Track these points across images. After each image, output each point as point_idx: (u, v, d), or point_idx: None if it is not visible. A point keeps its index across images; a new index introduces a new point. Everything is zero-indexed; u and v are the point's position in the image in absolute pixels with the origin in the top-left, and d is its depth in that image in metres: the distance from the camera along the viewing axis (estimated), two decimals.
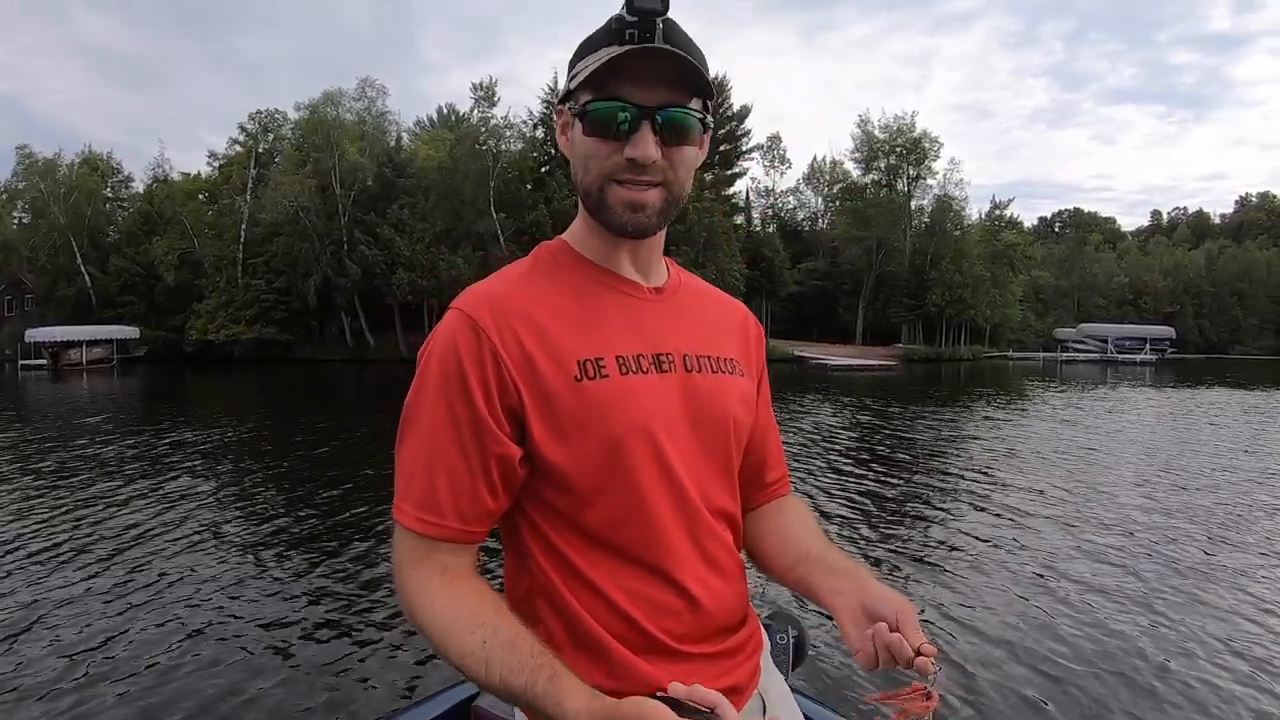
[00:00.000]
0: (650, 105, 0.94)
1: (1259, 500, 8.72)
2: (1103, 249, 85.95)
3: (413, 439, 0.96)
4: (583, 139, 0.97)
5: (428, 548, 0.95)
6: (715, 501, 1.06)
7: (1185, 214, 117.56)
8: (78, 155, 50.07)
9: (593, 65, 0.94)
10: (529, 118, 47.46)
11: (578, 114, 0.97)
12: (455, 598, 0.93)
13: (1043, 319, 69.06)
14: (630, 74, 0.93)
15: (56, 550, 6.52)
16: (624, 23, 0.92)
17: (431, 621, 0.92)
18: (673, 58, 0.92)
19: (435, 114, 60.23)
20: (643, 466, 0.98)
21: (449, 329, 0.97)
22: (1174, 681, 4.16)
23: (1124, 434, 15.51)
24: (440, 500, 0.94)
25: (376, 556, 6.39)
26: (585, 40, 0.99)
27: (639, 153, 0.94)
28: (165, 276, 43.50)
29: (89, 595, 5.41)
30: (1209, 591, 5.61)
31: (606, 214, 0.99)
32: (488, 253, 42.74)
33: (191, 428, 14.92)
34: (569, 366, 0.96)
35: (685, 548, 1.01)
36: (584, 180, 0.99)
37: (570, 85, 0.99)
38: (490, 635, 0.89)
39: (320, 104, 43.99)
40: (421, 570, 0.95)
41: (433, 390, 0.95)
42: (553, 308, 0.99)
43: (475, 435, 0.94)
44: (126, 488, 9.03)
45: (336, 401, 23.44)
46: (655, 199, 0.98)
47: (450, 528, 0.94)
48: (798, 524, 1.19)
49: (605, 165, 0.96)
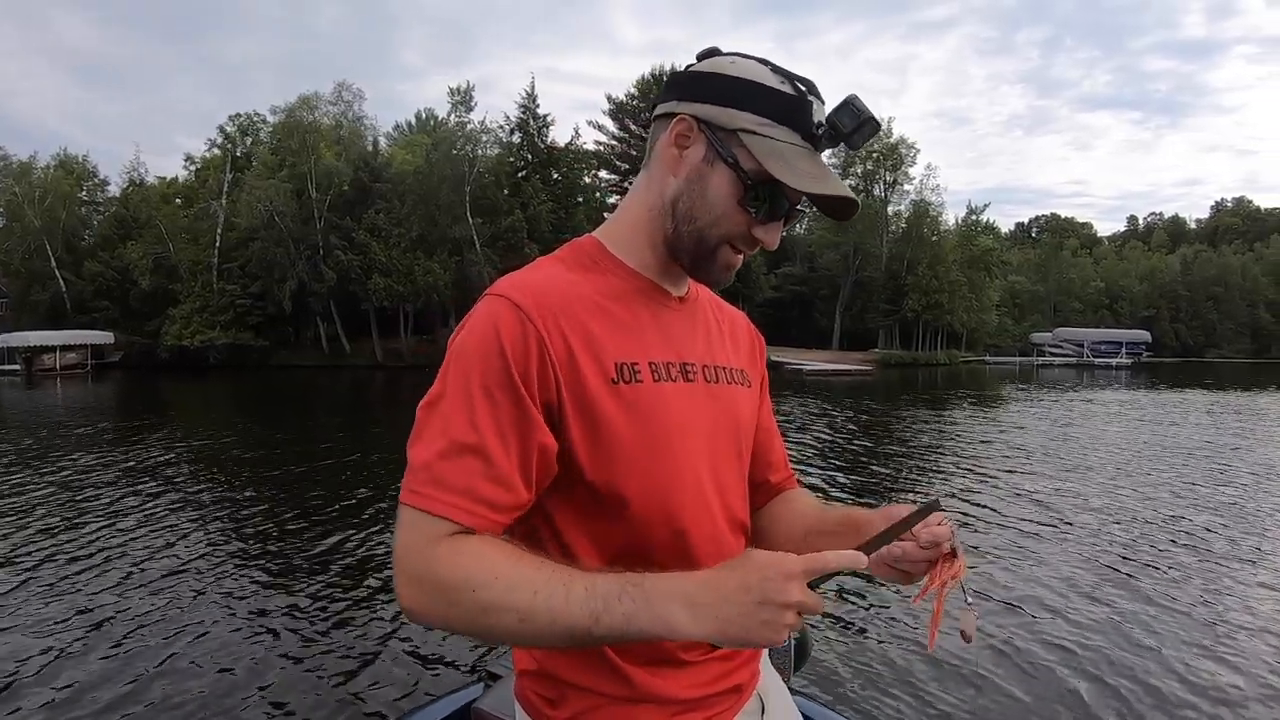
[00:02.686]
0: (795, 204, 0.98)
1: (1218, 500, 8.89)
2: (1079, 254, 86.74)
3: (441, 421, 0.89)
4: (726, 194, 0.96)
5: (454, 530, 0.86)
6: (733, 510, 1.08)
7: (1161, 219, 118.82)
8: (53, 158, 50.10)
9: (792, 168, 0.93)
10: (506, 123, 47.66)
11: (735, 167, 0.94)
12: (504, 547, 0.87)
13: (1019, 324, 69.67)
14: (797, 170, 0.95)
15: (42, 559, 6.42)
16: (827, 133, 0.94)
17: (485, 571, 0.83)
18: (849, 202, 0.96)
19: (414, 119, 60.31)
20: (670, 473, 0.97)
21: (490, 314, 0.92)
22: (1153, 681, 4.20)
23: (1096, 435, 15.79)
24: (474, 485, 0.87)
25: (373, 562, 6.35)
26: (760, 84, 0.95)
27: (769, 241, 0.98)
28: (140, 281, 43.17)
29: (75, 604, 5.33)
30: (1182, 594, 5.65)
31: (707, 268, 1.01)
32: (463, 258, 42.85)
33: (167, 435, 14.76)
34: (607, 368, 0.94)
35: (704, 555, 1.00)
36: (699, 226, 0.98)
37: (728, 121, 0.95)
38: (556, 566, 0.86)
39: (296, 108, 44.00)
40: (450, 544, 0.85)
41: (471, 373, 0.90)
42: (592, 307, 0.97)
43: (516, 422, 0.89)
44: (102, 496, 8.83)
45: (312, 408, 23.36)
46: (741, 262, 1.03)
47: (481, 515, 0.87)
48: (801, 504, 1.20)
49: (735, 231, 0.97)
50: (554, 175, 48.39)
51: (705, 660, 1.02)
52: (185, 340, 42.26)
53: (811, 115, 0.94)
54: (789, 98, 0.94)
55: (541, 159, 48.18)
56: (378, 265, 41.68)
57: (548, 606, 0.81)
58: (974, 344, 61.93)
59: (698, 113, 0.96)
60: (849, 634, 4.81)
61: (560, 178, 48.52)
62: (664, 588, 0.82)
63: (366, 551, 6.70)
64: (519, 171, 46.88)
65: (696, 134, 0.96)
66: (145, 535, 7.19)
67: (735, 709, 1.07)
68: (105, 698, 4.00)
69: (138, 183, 50.22)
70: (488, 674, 1.77)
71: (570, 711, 1.00)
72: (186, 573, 6.08)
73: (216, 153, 49.27)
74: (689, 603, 0.81)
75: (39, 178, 46.55)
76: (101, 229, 48.73)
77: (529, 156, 47.91)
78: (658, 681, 0.98)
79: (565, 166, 49.09)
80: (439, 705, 1.64)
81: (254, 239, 42.32)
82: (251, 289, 43.16)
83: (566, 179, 48.90)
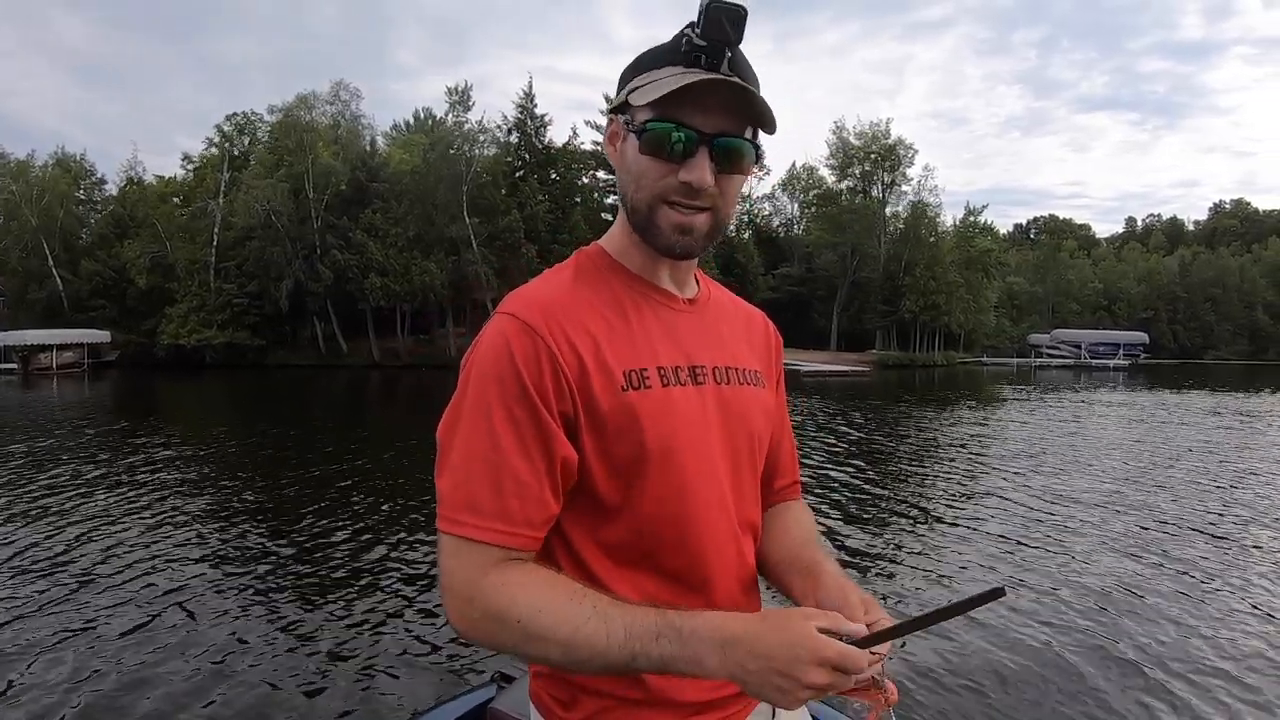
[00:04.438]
0: (709, 132, 0.94)
1: (1207, 503, 8.89)
2: (1077, 255, 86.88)
3: (465, 445, 0.92)
4: (637, 156, 0.97)
5: (499, 556, 0.90)
6: (744, 513, 1.08)
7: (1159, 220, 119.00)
8: (51, 157, 50.10)
9: (657, 85, 0.93)
10: (503, 122, 47.69)
11: (635, 130, 0.96)
12: (547, 577, 0.91)
13: (1017, 325, 69.77)
14: (692, 99, 0.92)
15: (43, 559, 6.39)
16: (693, 46, 0.92)
17: (529, 604, 0.87)
18: (736, 88, 0.92)
19: (411, 118, 60.39)
20: (680, 478, 0.98)
21: (501, 333, 0.94)
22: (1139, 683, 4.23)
23: (1092, 435, 15.85)
24: (510, 508, 0.90)
25: (388, 562, 6.35)
26: (648, 52, 0.99)
27: (694, 178, 0.94)
28: (137, 280, 43.17)
29: (80, 608, 5.28)
30: (1177, 593, 5.68)
31: (655, 234, 1.00)
32: (460, 257, 42.85)
33: (165, 435, 14.72)
34: (616, 377, 0.95)
35: (714, 559, 1.01)
36: (634, 197, 0.99)
37: (627, 97, 0.98)
38: (596, 600, 0.88)
39: (294, 107, 44.04)
40: (497, 573, 0.89)
41: (488, 393, 0.92)
42: (600, 317, 0.99)
43: (539, 438, 0.91)
44: (102, 497, 8.72)
45: (311, 407, 23.33)
46: (703, 223, 0.98)
47: (523, 535, 0.91)
48: (794, 528, 1.18)
49: (658, 186, 0.96)
50: (551, 175, 48.45)
51: None
52: (182, 339, 42.24)
53: (683, 41, 0.94)
54: (668, 45, 0.96)
55: (539, 159, 48.23)
56: (374, 265, 41.71)
57: (589, 644, 0.84)
58: (971, 345, 61.99)
59: (614, 111, 1.02)
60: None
61: (558, 178, 48.58)
62: (701, 633, 0.83)
63: (381, 551, 6.69)
64: (516, 171, 46.94)
65: (618, 127, 1.01)
66: (150, 535, 7.15)
67: (746, 711, 1.07)
68: (123, 698, 3.99)
69: (135, 182, 50.18)
70: (502, 675, 1.79)
71: (583, 713, 1.01)
72: (194, 574, 6.05)
73: (215, 151, 49.22)
74: (721, 648, 0.82)
75: (37, 176, 46.64)
76: (99, 228, 48.70)
77: (526, 156, 47.95)
78: (671, 685, 0.98)
79: (563, 166, 49.13)
80: (455, 704, 1.66)
81: (251, 238, 42.32)
82: (248, 288, 43.13)
83: (564, 179, 48.95)
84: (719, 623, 0.84)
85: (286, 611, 5.23)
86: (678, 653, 0.83)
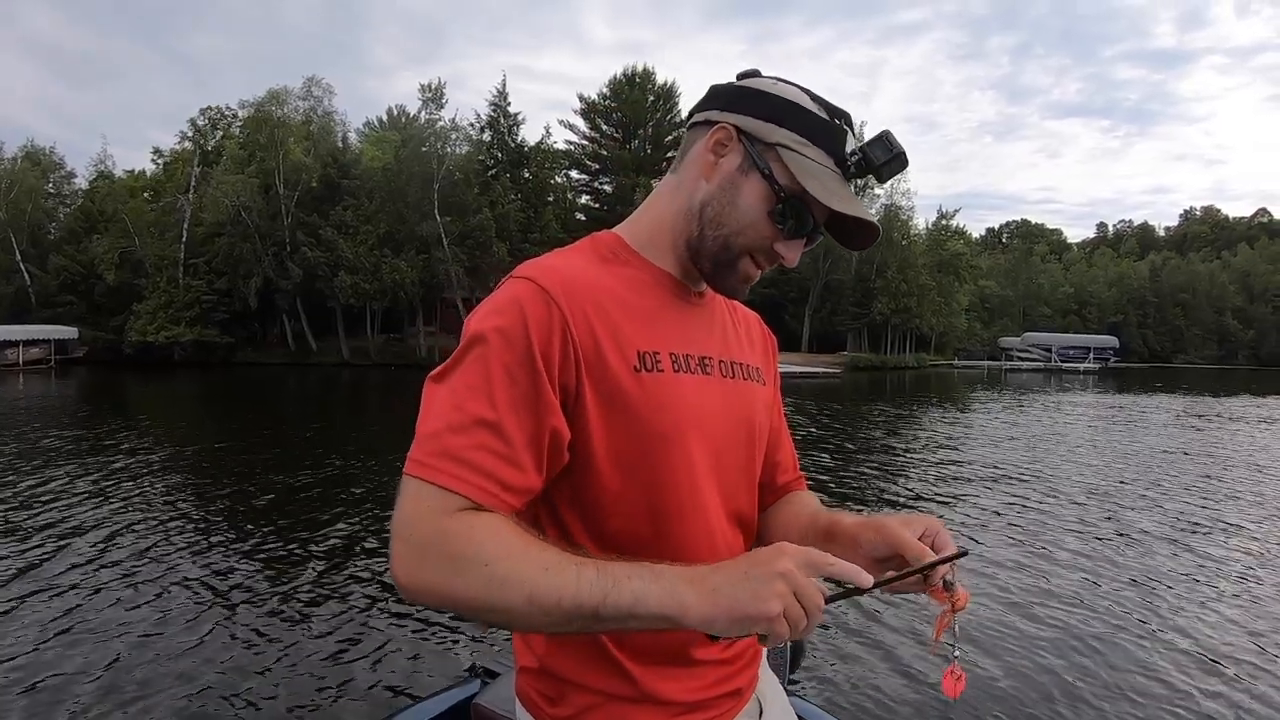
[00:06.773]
0: (819, 224, 1.00)
1: (1164, 504, 9.06)
2: (1049, 260, 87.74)
3: (454, 395, 0.88)
4: (757, 204, 0.97)
5: (466, 505, 0.84)
6: (740, 505, 1.09)
7: (1131, 226, 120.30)
8: (20, 150, 49.28)
9: (826, 188, 0.95)
10: (476, 121, 47.63)
11: (776, 187, 0.97)
12: (514, 525, 0.84)
13: (988, 328, 70.41)
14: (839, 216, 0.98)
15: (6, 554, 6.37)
16: (860, 168, 0.97)
17: (499, 546, 0.81)
18: (871, 236, 1.01)
19: (385, 115, 60.16)
20: (684, 464, 0.98)
21: (515, 295, 0.92)
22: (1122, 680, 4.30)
23: (1059, 438, 16.17)
24: (487, 463, 0.85)
25: (367, 556, 6.38)
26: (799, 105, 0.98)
27: (790, 258, 1.01)
28: (105, 276, 42.48)
29: (47, 609, 5.22)
30: (1146, 595, 5.80)
31: (723, 275, 1.02)
32: (430, 256, 42.77)
33: (132, 433, 14.52)
34: (630, 356, 0.95)
35: (709, 549, 1.00)
36: (725, 232, 0.99)
37: (766, 135, 0.97)
38: (566, 548, 0.85)
39: (265, 102, 43.68)
40: (464, 516, 0.83)
41: (491, 350, 0.88)
42: (615, 295, 0.98)
43: (533, 403, 0.88)
44: (68, 497, 8.67)
45: (282, 405, 23.28)
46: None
47: (496, 496, 0.85)
48: (803, 509, 1.20)
49: (758, 241, 0.99)
50: (524, 174, 48.36)
51: (708, 663, 1.03)
52: (150, 337, 41.69)
53: (844, 143, 0.97)
54: (825, 122, 0.97)
55: (512, 158, 48.14)
56: (344, 262, 41.44)
57: (557, 584, 0.79)
58: (943, 348, 62.56)
59: (738, 123, 0.99)
60: (846, 636, 4.86)
61: (530, 177, 48.49)
62: (675, 569, 0.82)
63: (359, 545, 6.73)
64: (489, 170, 46.72)
65: (734, 143, 0.99)
66: (117, 536, 7.02)
67: (734, 711, 1.08)
68: (90, 697, 3.97)
69: (105, 176, 49.57)
70: (486, 670, 1.78)
71: (571, 709, 1.00)
72: (170, 570, 6.01)
73: (188, 145, 48.79)
74: (692, 581, 0.80)
75: (4, 169, 45.90)
76: (68, 222, 47.96)
77: (499, 155, 47.89)
78: (661, 682, 0.98)
79: (535, 165, 49.07)
80: (438, 700, 1.63)
81: (220, 234, 41.99)
82: (217, 285, 42.77)
83: (536, 178, 48.88)
84: (692, 566, 0.84)
85: (260, 610, 5.20)
86: (650, 586, 0.80)
